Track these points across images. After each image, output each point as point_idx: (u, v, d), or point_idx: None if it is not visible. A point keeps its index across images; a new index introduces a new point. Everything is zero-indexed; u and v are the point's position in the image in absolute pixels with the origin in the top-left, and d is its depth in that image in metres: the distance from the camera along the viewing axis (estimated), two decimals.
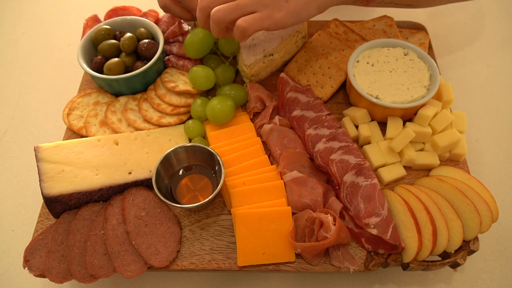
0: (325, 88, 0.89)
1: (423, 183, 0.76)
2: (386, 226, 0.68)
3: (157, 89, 0.88)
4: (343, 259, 0.69)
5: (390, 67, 0.84)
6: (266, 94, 0.88)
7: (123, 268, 0.68)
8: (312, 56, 0.92)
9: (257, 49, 0.88)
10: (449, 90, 0.84)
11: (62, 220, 0.73)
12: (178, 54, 0.93)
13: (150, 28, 0.92)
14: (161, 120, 0.85)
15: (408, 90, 0.81)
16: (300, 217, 0.71)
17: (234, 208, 0.72)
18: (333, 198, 0.74)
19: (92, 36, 0.89)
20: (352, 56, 0.85)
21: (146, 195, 0.75)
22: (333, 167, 0.75)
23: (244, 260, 0.69)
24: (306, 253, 0.69)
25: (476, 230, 0.69)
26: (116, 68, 0.85)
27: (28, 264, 0.69)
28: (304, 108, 0.84)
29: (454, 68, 1.03)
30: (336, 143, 0.78)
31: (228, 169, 0.76)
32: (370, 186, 0.73)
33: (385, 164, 0.79)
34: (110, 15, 0.99)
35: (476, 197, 0.70)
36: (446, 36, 1.10)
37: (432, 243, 0.67)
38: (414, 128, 0.78)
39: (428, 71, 0.83)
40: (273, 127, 0.82)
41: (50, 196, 0.72)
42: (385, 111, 0.81)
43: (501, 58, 1.06)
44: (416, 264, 0.68)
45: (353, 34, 0.95)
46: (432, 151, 0.80)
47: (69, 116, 0.87)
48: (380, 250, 0.69)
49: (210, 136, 0.83)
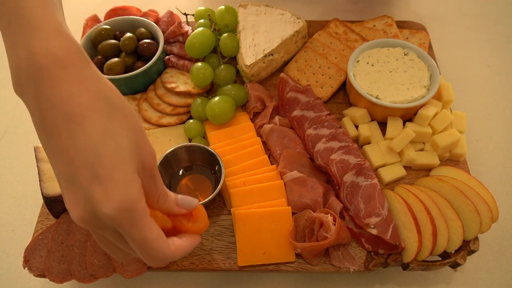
0: (325, 88, 0.89)
1: (423, 183, 0.76)
2: (386, 226, 0.68)
3: (157, 89, 0.88)
4: (343, 259, 0.69)
5: (390, 67, 0.84)
6: (266, 94, 0.88)
7: (123, 268, 0.68)
8: (312, 56, 0.92)
9: (257, 49, 0.88)
10: (449, 90, 0.84)
11: (62, 220, 0.73)
12: (178, 54, 0.93)
13: (150, 28, 0.92)
14: (161, 120, 0.85)
15: (408, 90, 0.81)
16: (300, 217, 0.71)
17: (234, 208, 0.72)
18: (333, 198, 0.74)
19: (92, 36, 0.89)
20: (352, 56, 0.85)
21: None
22: (333, 167, 0.75)
23: (244, 260, 0.69)
24: (306, 253, 0.69)
25: (476, 230, 0.69)
26: (116, 68, 0.85)
27: (28, 264, 0.69)
28: (304, 108, 0.84)
29: (454, 68, 1.03)
30: (336, 143, 0.78)
31: (228, 169, 0.76)
32: (370, 186, 0.73)
33: (385, 164, 0.79)
34: (110, 15, 0.99)
35: (476, 197, 0.70)
36: (446, 36, 1.10)
37: (432, 243, 0.67)
38: (414, 128, 0.78)
39: (428, 71, 0.83)
40: (273, 127, 0.82)
41: (50, 196, 0.72)
42: (385, 111, 0.81)
43: (501, 58, 1.06)
44: (416, 264, 0.68)
45: (353, 34, 0.95)
46: (432, 151, 0.80)
47: None
48: (380, 250, 0.69)
49: (210, 136, 0.83)
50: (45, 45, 0.43)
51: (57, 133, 0.43)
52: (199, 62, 0.87)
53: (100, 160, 0.43)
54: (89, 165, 0.42)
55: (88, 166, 0.42)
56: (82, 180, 0.43)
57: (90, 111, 0.43)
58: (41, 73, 0.43)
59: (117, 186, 0.43)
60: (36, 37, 0.43)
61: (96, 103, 0.44)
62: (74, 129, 0.43)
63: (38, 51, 0.43)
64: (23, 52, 0.43)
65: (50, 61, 0.43)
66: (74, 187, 0.43)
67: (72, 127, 0.43)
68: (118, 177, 0.43)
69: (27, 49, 0.43)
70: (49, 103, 0.43)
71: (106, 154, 0.43)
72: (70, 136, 0.43)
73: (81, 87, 0.44)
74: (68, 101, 0.43)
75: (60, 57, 0.43)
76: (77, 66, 0.44)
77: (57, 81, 0.43)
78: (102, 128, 0.44)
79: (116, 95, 0.47)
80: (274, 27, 0.91)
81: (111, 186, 0.42)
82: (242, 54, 0.88)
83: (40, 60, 0.43)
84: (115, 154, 0.44)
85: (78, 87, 0.43)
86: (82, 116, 0.43)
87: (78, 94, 0.43)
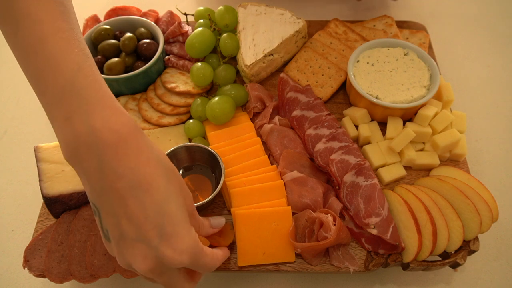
0: (325, 88, 0.89)
1: (423, 183, 0.76)
2: (386, 226, 0.68)
3: (157, 89, 0.88)
4: (343, 259, 0.69)
5: (390, 67, 0.84)
6: (266, 94, 0.88)
7: (123, 268, 0.68)
8: (312, 56, 0.92)
9: (257, 49, 0.88)
10: (449, 90, 0.84)
11: (62, 220, 0.73)
12: (178, 54, 0.93)
13: (150, 28, 0.92)
14: (161, 120, 0.85)
15: (408, 90, 0.81)
16: (300, 217, 0.71)
17: (234, 208, 0.72)
18: (333, 198, 0.74)
19: (92, 36, 0.89)
20: (352, 56, 0.85)
21: None
22: (333, 167, 0.75)
23: (244, 260, 0.69)
24: (306, 253, 0.69)
25: (476, 230, 0.69)
26: (116, 68, 0.85)
27: (28, 264, 0.69)
28: (304, 108, 0.84)
29: (454, 68, 1.03)
30: (336, 143, 0.78)
31: (228, 169, 0.76)
32: (370, 186, 0.73)
33: (385, 164, 0.79)
34: (110, 15, 0.99)
35: (476, 197, 0.70)
36: (446, 36, 1.10)
37: (432, 243, 0.67)
38: (414, 128, 0.78)
39: (428, 71, 0.83)
40: (273, 127, 0.82)
41: (50, 196, 0.72)
42: (385, 111, 0.81)
43: (501, 58, 1.06)
44: (416, 264, 0.68)
45: (353, 34, 0.95)
46: (432, 151, 0.80)
47: None
48: (380, 250, 0.69)
49: (210, 136, 0.83)
50: (106, 121, 0.48)
51: (124, 200, 0.48)
52: (199, 62, 0.87)
53: (167, 221, 0.49)
54: (158, 227, 0.49)
55: (156, 228, 0.49)
56: (152, 240, 0.49)
57: (154, 179, 0.49)
58: (106, 148, 0.47)
59: (184, 240, 0.50)
60: (96, 113, 0.48)
61: (157, 170, 0.50)
62: (142, 196, 0.48)
63: (100, 127, 0.47)
64: (82, 127, 0.47)
65: (113, 137, 0.48)
66: (143, 245, 0.49)
67: (140, 194, 0.48)
68: (183, 232, 0.51)
69: (87, 124, 0.47)
70: (116, 175, 0.48)
71: (171, 214, 0.50)
72: (139, 202, 0.48)
73: (143, 158, 0.49)
74: (134, 171, 0.48)
75: (122, 133, 0.48)
76: (137, 139, 0.50)
77: (122, 154, 0.48)
78: (165, 193, 0.50)
79: (166, 157, 0.54)
80: (274, 27, 0.91)
81: (177, 241, 0.50)
82: (242, 54, 0.88)
83: (104, 135, 0.47)
84: (177, 213, 0.51)
85: (141, 159, 0.49)
86: (149, 183, 0.49)
87: (142, 164, 0.49)
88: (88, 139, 0.47)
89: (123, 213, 0.48)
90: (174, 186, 0.52)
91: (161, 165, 0.51)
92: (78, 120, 0.47)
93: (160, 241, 0.49)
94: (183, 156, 0.77)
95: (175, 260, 0.49)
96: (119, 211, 0.49)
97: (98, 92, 0.49)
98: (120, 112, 0.50)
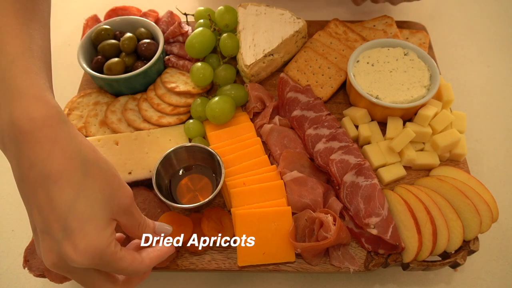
0: (325, 88, 0.89)
1: (423, 183, 0.76)
2: (386, 226, 0.68)
3: (157, 89, 0.88)
4: (343, 259, 0.69)
5: (390, 67, 0.84)
6: (266, 94, 0.88)
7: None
8: (312, 56, 0.92)
9: (257, 49, 0.88)
10: (449, 90, 0.84)
11: None
12: (178, 54, 0.93)
13: (150, 28, 0.92)
14: (161, 120, 0.85)
15: (408, 90, 0.81)
16: (300, 217, 0.71)
17: (234, 208, 0.72)
18: (333, 198, 0.74)
19: (92, 36, 0.89)
20: (352, 56, 0.85)
21: (146, 195, 0.75)
22: (333, 167, 0.75)
23: (244, 260, 0.69)
24: (306, 253, 0.69)
25: (476, 230, 0.69)
26: (116, 68, 0.85)
27: (28, 264, 0.69)
28: (304, 108, 0.84)
29: (454, 68, 1.03)
30: (336, 143, 0.78)
31: (228, 169, 0.76)
32: (370, 186, 0.73)
33: (385, 164, 0.79)
34: (110, 15, 0.99)
35: (476, 197, 0.70)
36: (446, 36, 1.10)
37: (432, 243, 0.67)
38: (414, 128, 0.78)
39: (428, 71, 0.83)
40: (273, 127, 0.82)
41: None
42: (385, 111, 0.81)
43: (501, 58, 1.06)
44: (416, 264, 0.68)
45: (353, 34, 0.95)
46: (432, 151, 0.80)
47: (69, 116, 0.87)
48: (380, 250, 0.69)
49: (210, 136, 0.83)
50: (26, 110, 0.48)
51: (35, 190, 0.48)
52: (199, 62, 0.87)
53: (72, 216, 0.47)
54: (62, 220, 0.47)
55: (60, 221, 0.47)
56: (55, 233, 0.47)
57: (66, 170, 0.48)
58: (21, 135, 0.47)
59: (88, 239, 0.48)
60: (17, 102, 0.48)
61: (72, 162, 0.48)
62: (51, 187, 0.47)
63: (18, 116, 0.47)
64: (5, 116, 0.48)
65: (30, 125, 0.47)
66: (48, 237, 0.48)
67: (49, 185, 0.47)
68: (90, 230, 0.48)
69: (9, 113, 0.48)
70: (29, 163, 0.47)
71: (79, 209, 0.48)
72: (47, 193, 0.47)
73: (57, 148, 0.48)
74: (45, 161, 0.47)
75: (38, 120, 0.47)
76: (54, 128, 0.48)
77: (35, 143, 0.47)
78: (77, 186, 0.48)
79: (90, 150, 0.51)
80: (274, 27, 0.91)
81: (80, 239, 0.47)
82: (242, 54, 0.88)
83: (20, 123, 0.47)
84: (87, 209, 0.48)
85: (54, 148, 0.48)
86: (59, 175, 0.47)
87: (55, 154, 0.48)
88: (9, 128, 0.48)
89: (33, 203, 0.48)
90: (93, 181, 0.49)
91: (79, 158, 0.49)
92: (4, 109, 0.48)
93: (63, 236, 0.47)
94: (183, 156, 0.77)
95: (74, 259, 0.47)
96: (32, 200, 0.48)
97: (25, 81, 0.49)
98: (44, 102, 0.49)
